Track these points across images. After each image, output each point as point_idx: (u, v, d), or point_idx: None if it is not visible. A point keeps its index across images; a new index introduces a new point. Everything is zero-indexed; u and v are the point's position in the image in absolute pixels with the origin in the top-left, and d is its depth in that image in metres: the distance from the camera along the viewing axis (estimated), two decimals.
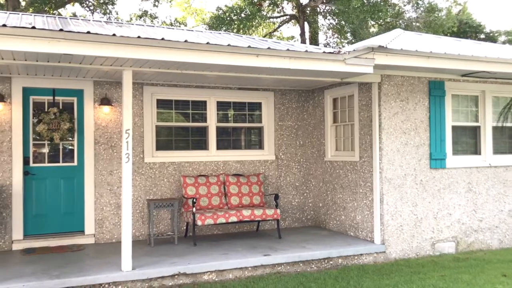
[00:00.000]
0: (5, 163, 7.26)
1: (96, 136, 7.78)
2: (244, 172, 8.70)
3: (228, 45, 5.91)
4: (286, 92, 9.15)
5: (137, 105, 8.03)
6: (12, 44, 5.00)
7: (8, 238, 7.24)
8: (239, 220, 7.48)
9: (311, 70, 6.49)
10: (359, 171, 7.86)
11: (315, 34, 23.23)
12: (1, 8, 19.10)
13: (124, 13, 31.23)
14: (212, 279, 6.18)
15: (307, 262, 6.78)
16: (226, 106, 8.83)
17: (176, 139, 8.51)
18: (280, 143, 9.06)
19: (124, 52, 5.45)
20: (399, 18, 21.96)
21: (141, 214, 7.98)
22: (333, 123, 8.73)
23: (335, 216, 8.54)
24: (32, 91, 7.52)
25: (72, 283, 5.52)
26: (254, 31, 23.01)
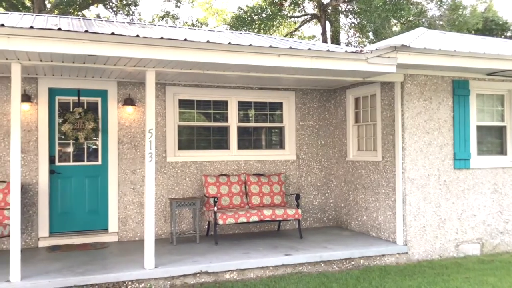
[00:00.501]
0: (31, 162, 7.42)
1: (119, 135, 7.90)
2: (265, 172, 8.71)
3: (250, 45, 5.93)
4: (308, 92, 9.13)
5: (160, 105, 8.12)
6: (39, 46, 5.11)
7: (34, 235, 7.40)
8: (260, 219, 7.49)
9: (333, 69, 6.46)
10: (381, 171, 7.79)
11: (336, 33, 23.10)
12: (27, 10, 19.52)
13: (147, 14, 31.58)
14: (234, 278, 6.22)
15: (328, 262, 6.76)
16: (247, 106, 8.86)
17: (198, 139, 8.57)
18: (301, 143, 9.05)
19: (148, 53, 5.53)
20: (422, 17, 21.67)
21: (163, 212, 8.07)
22: (355, 123, 8.68)
23: (357, 217, 8.48)
24: (57, 92, 7.67)
25: (96, 280, 5.61)
26: (275, 31, 23.00)
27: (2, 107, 7.28)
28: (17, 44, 5.02)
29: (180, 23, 23.35)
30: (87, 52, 5.29)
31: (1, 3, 19.45)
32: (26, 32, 5.03)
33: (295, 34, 24.93)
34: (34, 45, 5.09)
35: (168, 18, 23.34)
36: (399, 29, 21.88)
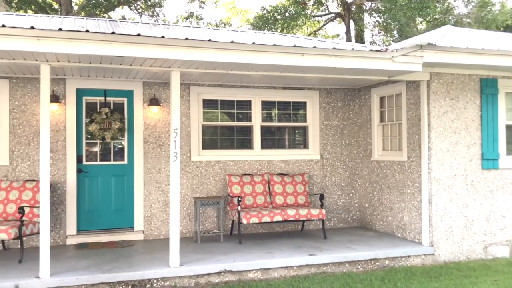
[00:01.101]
0: (59, 161, 7.59)
1: (145, 135, 8.01)
2: (289, 172, 8.70)
3: (274, 45, 5.94)
4: (332, 91, 9.08)
5: (184, 105, 8.20)
6: (67, 47, 5.22)
7: (62, 233, 7.56)
8: (284, 219, 7.49)
9: (357, 68, 6.43)
10: (407, 171, 7.69)
11: (360, 32, 22.90)
12: (55, 13, 19.94)
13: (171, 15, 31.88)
14: (258, 277, 6.23)
15: (353, 263, 6.71)
16: (271, 105, 8.87)
17: (222, 138, 8.62)
18: (325, 143, 9.00)
19: (173, 54, 5.59)
20: (448, 14, 21.30)
21: (188, 211, 8.14)
22: (380, 122, 8.59)
23: (381, 217, 8.40)
24: (85, 92, 7.82)
25: (123, 277, 5.70)
26: (298, 30, 22.94)
27: (31, 107, 7.46)
28: (46, 46, 5.14)
29: (203, 23, 23.50)
30: (113, 53, 5.38)
31: (30, 6, 19.92)
32: (55, 34, 5.15)
33: (318, 33, 24.80)
34: (63, 46, 5.21)
35: (192, 19, 23.52)
36: (425, 27, 21.57)
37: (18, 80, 7.41)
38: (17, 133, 7.39)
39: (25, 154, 7.41)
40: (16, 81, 7.41)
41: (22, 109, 7.43)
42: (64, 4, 18.54)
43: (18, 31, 5.03)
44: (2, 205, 6.88)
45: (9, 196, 6.93)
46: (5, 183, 7.05)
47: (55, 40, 5.16)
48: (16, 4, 19.60)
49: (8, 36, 5.02)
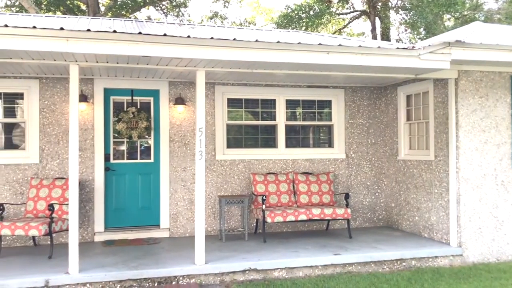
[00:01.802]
0: (88, 160, 7.74)
1: (171, 134, 8.09)
2: (314, 171, 8.66)
3: (299, 43, 5.92)
4: (357, 89, 9.00)
5: (209, 104, 8.25)
6: (95, 47, 5.33)
7: (90, 230, 7.71)
8: (308, 218, 7.46)
9: (383, 66, 6.35)
10: (434, 170, 7.57)
11: (386, 29, 22.62)
12: (83, 14, 20.33)
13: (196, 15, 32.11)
14: (283, 276, 6.23)
15: (378, 263, 6.65)
16: (295, 104, 8.84)
17: (246, 137, 8.64)
18: (350, 142, 8.93)
19: (198, 53, 5.64)
20: (477, 11, 20.84)
21: (212, 210, 8.20)
22: (407, 121, 8.47)
23: (408, 217, 8.28)
24: (112, 92, 7.95)
25: (149, 274, 5.78)
26: (323, 28, 22.80)
27: (60, 107, 7.63)
28: (75, 46, 5.26)
29: (228, 23, 23.60)
30: (140, 53, 5.46)
31: (59, 8, 20.36)
32: (83, 35, 5.25)
33: (343, 31, 24.61)
34: (91, 47, 5.31)
35: (216, 19, 23.65)
36: (453, 24, 21.15)
37: (47, 80, 7.59)
38: (47, 132, 7.57)
39: (55, 153, 7.58)
40: (46, 81, 7.58)
41: (51, 109, 7.60)
42: (91, 5, 18.88)
43: (48, 32, 5.16)
44: (32, 202, 7.06)
45: (39, 194, 7.10)
46: (35, 181, 7.23)
47: (84, 41, 5.27)
48: (45, 6, 20.05)
49: (38, 37, 5.15)
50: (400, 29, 23.42)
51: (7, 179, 7.36)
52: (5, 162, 7.37)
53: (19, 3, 19.42)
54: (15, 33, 5.08)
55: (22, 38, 5.12)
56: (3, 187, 7.34)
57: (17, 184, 7.40)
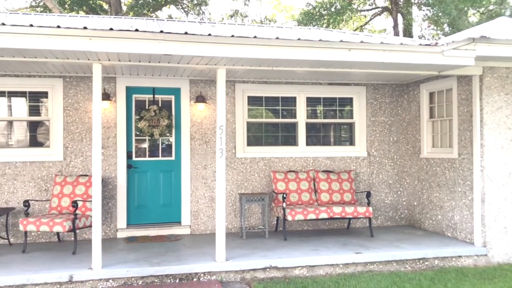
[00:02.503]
0: (110, 157, 7.84)
1: (191, 132, 8.14)
2: (334, 169, 8.61)
3: (320, 40, 5.89)
4: (379, 87, 8.91)
5: (229, 102, 8.27)
6: (118, 46, 5.39)
7: (113, 226, 7.82)
8: (329, 216, 7.42)
9: (406, 63, 6.27)
10: (457, 168, 7.44)
11: (408, 26, 22.30)
12: (105, 13, 20.59)
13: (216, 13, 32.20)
14: (303, 274, 6.21)
15: (400, 262, 6.57)
16: (316, 101, 8.80)
17: (266, 135, 8.64)
18: (372, 139, 8.85)
19: (219, 51, 5.65)
20: (503, 6, 20.37)
21: (233, 207, 8.22)
22: (430, 119, 8.34)
23: (431, 216, 8.17)
24: (134, 90, 8.04)
25: (171, 271, 5.83)
26: (344, 25, 22.62)
27: (84, 105, 7.74)
28: (98, 45, 5.33)
29: (248, 21, 23.60)
30: (162, 52, 5.50)
31: (82, 7, 20.66)
32: (106, 34, 5.32)
33: (365, 28, 24.37)
34: (113, 45, 5.38)
35: (236, 17, 23.68)
36: (478, 20, 20.74)
37: (71, 79, 7.71)
38: (70, 130, 7.69)
39: (78, 150, 7.70)
40: (70, 80, 7.71)
41: (75, 107, 7.72)
42: (113, 4, 19.12)
43: (72, 31, 5.24)
44: (57, 199, 7.19)
45: (64, 190, 7.23)
46: (59, 178, 7.36)
47: (106, 40, 5.34)
48: (68, 5, 20.37)
49: (62, 36, 5.23)
50: (423, 26, 23.07)
51: (32, 176, 7.52)
52: (30, 160, 7.52)
53: (43, 3, 19.79)
54: (40, 33, 5.18)
55: (47, 37, 5.21)
56: (28, 184, 7.50)
57: (42, 181, 7.55)
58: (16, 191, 7.45)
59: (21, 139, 7.70)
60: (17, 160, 7.48)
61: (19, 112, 7.73)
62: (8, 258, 6.33)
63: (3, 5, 21.88)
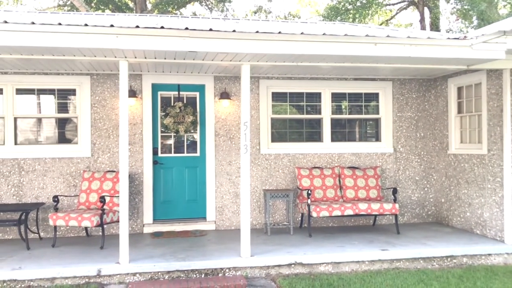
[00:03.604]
0: (137, 153, 7.94)
1: (216, 128, 8.18)
2: (360, 165, 8.53)
3: (345, 35, 5.83)
4: (406, 82, 8.77)
5: (254, 98, 8.27)
6: (144, 43, 5.45)
7: (140, 222, 7.93)
8: (355, 213, 7.36)
9: (434, 57, 6.16)
10: (487, 165, 7.28)
11: (435, 20, 21.87)
12: (131, 11, 20.84)
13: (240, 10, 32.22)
14: (329, 270, 6.18)
15: (427, 259, 6.47)
16: (341, 97, 8.72)
17: (290, 131, 8.61)
18: (398, 135, 8.72)
19: (243, 47, 5.65)
20: None
21: (257, 203, 8.23)
22: (458, 114, 8.17)
23: (459, 213, 8.02)
24: (160, 87, 8.11)
25: (196, 266, 5.88)
26: (370, 19, 22.34)
27: (111, 102, 7.86)
28: (125, 42, 5.40)
29: (272, 17, 23.54)
30: (187, 49, 5.53)
31: (108, 6, 20.95)
32: (132, 31, 5.38)
33: (390, 23, 24.01)
34: (139, 43, 5.44)
35: (260, 13, 23.64)
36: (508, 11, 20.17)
37: (98, 76, 7.83)
38: (98, 127, 7.82)
39: (105, 147, 7.83)
40: (97, 77, 7.83)
41: (102, 104, 7.85)
42: (138, 2, 19.33)
43: (99, 29, 5.32)
44: (85, 194, 7.33)
45: (91, 186, 7.36)
46: (87, 174, 7.50)
47: (133, 37, 5.40)
48: (95, 4, 20.69)
49: (90, 34, 5.32)
50: (450, 19, 22.59)
51: (61, 172, 7.68)
52: (59, 156, 7.68)
53: (70, 2, 20.15)
54: (68, 31, 5.27)
55: (75, 35, 5.31)
56: (57, 179, 7.66)
57: (70, 177, 7.70)
58: (46, 187, 7.63)
59: (50, 135, 7.87)
60: (47, 156, 7.65)
61: (48, 109, 7.89)
62: (39, 252, 6.49)
63: (32, 4, 22.39)
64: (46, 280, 5.57)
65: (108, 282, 5.69)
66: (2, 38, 5.21)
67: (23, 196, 7.56)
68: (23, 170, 7.58)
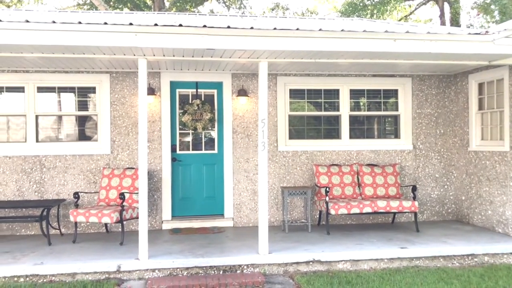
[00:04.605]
0: (155, 151, 8.01)
1: (234, 125, 8.19)
2: (379, 162, 8.46)
3: (364, 31, 5.78)
4: (425, 78, 8.66)
5: (271, 95, 8.26)
6: (162, 41, 5.49)
7: (158, 218, 7.99)
8: (373, 211, 7.30)
9: (454, 53, 6.08)
10: (509, 162, 7.15)
11: (456, 15, 21.52)
12: (149, 9, 20.98)
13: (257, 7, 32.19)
14: (347, 268, 6.15)
15: (448, 258, 6.39)
16: (359, 94, 8.65)
17: (308, 128, 8.58)
18: (418, 132, 8.62)
19: (261, 44, 5.65)
20: None
21: (275, 200, 8.23)
22: (479, 110, 8.04)
23: (480, 211, 7.90)
24: (178, 85, 8.16)
25: (215, 262, 5.91)
26: (388, 15, 22.10)
27: (130, 100, 7.93)
28: (143, 40, 5.44)
29: (289, 13, 23.46)
30: (205, 46, 5.55)
31: (126, 4, 21.14)
32: (151, 29, 5.43)
33: (409, 18, 23.71)
34: (158, 40, 5.48)
35: (278, 10, 23.59)
36: None
37: (117, 74, 7.91)
38: (117, 124, 7.90)
39: (125, 144, 7.90)
40: (116, 75, 7.91)
41: (121, 102, 7.92)
42: (156, 0, 19.44)
43: (118, 27, 5.37)
44: (105, 191, 7.42)
45: (111, 183, 7.45)
46: (107, 171, 7.59)
47: (151, 35, 5.44)
48: (113, 3, 20.89)
49: (109, 32, 5.39)
50: (471, 14, 22.20)
51: (81, 169, 7.78)
52: (79, 153, 7.79)
53: (90, 1, 20.38)
54: (88, 30, 5.34)
55: (95, 34, 5.37)
56: (78, 176, 7.77)
57: (91, 174, 7.81)
58: (67, 183, 7.74)
59: (70, 133, 7.98)
60: (67, 154, 7.76)
61: (68, 107, 8.01)
62: (60, 247, 6.60)
63: (52, 3, 22.70)
64: (68, 275, 5.66)
65: (127, 277, 5.76)
66: (24, 37, 5.29)
67: (44, 193, 7.68)
68: (45, 167, 7.71)
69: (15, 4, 20.93)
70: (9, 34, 5.28)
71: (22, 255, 6.18)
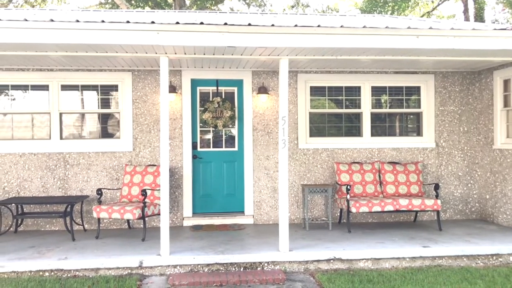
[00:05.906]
0: (176, 148, 8.07)
1: (254, 123, 8.20)
2: (401, 160, 8.36)
3: (386, 27, 5.72)
4: (448, 75, 8.52)
5: (292, 92, 8.24)
6: (184, 39, 5.52)
7: (180, 215, 8.06)
8: (395, 209, 7.23)
9: (479, 49, 5.97)
10: None
11: (480, 10, 21.12)
12: (169, 7, 21.13)
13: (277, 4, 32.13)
14: (368, 266, 6.11)
15: (471, 257, 6.29)
16: (381, 91, 8.56)
17: (329, 126, 8.53)
18: (441, 130, 8.50)
19: (282, 41, 5.64)
20: None
21: (295, 198, 8.21)
22: (504, 107, 7.88)
23: (505, 210, 7.74)
24: (198, 82, 8.20)
25: (235, 259, 5.93)
26: (410, 12, 21.81)
27: (151, 98, 8.01)
28: (165, 38, 5.49)
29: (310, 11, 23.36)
30: (226, 44, 5.57)
31: (147, 2, 21.33)
32: (173, 28, 5.47)
33: (432, 14, 23.36)
34: (179, 39, 5.51)
35: (298, 7, 23.50)
36: None
37: (139, 72, 7.99)
38: (139, 122, 7.99)
39: (147, 141, 7.99)
40: (138, 73, 7.99)
41: (143, 99, 8.00)
42: None
43: (140, 26, 5.43)
44: (127, 188, 7.51)
45: (133, 180, 7.53)
46: (129, 168, 7.68)
47: (173, 33, 5.48)
48: (135, 1, 21.10)
49: (132, 31, 5.45)
50: (496, 9, 21.77)
51: (104, 166, 7.89)
52: (102, 150, 7.90)
53: (111, 0, 20.62)
54: (111, 28, 5.41)
55: (117, 32, 5.44)
56: (100, 173, 7.88)
57: (113, 171, 7.91)
58: (90, 180, 7.86)
59: (93, 130, 8.09)
60: (90, 151, 7.88)
61: (91, 105, 8.12)
62: (83, 243, 6.71)
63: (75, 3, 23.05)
64: (91, 271, 5.75)
65: (149, 273, 5.82)
66: (49, 36, 5.39)
67: (68, 189, 7.82)
68: (68, 163, 7.84)
69: (39, 4, 21.30)
70: (34, 33, 5.39)
71: (47, 250, 6.30)
